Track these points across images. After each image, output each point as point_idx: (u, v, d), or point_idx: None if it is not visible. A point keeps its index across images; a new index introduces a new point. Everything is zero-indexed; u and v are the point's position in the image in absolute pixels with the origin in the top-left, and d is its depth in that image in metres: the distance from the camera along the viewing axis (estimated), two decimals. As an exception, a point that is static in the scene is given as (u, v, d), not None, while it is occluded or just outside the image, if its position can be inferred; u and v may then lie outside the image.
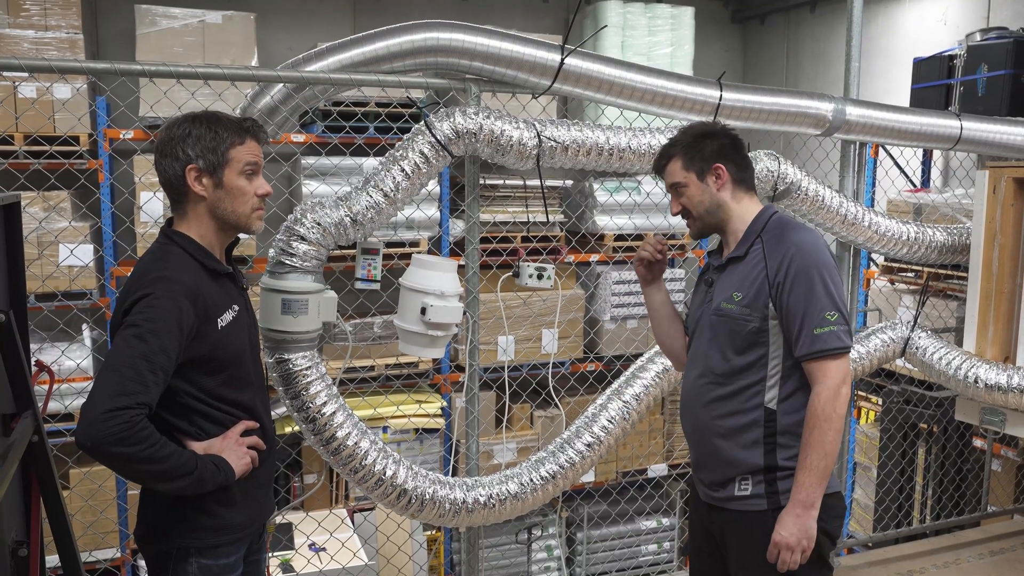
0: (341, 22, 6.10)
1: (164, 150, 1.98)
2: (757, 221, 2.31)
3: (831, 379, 2.16)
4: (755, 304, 2.22)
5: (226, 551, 2.04)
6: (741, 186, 2.33)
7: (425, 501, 2.83)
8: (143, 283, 1.88)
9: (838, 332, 2.16)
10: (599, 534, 5.80)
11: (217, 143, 1.98)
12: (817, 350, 2.16)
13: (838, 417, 2.16)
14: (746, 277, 2.25)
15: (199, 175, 1.98)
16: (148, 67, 2.60)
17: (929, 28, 5.70)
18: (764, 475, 2.23)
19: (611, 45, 5.69)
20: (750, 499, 2.24)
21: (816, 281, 2.16)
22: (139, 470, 1.82)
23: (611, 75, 2.98)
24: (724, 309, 2.28)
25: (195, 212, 2.01)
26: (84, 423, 1.74)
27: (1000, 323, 3.51)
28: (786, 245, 2.21)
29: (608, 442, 3.11)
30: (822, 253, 2.21)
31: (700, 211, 2.33)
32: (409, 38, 2.79)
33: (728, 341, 2.27)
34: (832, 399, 2.15)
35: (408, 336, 2.82)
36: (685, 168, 2.31)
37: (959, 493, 4.64)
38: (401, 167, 2.73)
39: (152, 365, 1.80)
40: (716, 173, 2.29)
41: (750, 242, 2.28)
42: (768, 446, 2.23)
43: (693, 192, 2.32)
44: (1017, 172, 3.47)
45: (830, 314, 2.15)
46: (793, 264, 2.18)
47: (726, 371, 2.27)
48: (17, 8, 4.62)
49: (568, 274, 5.47)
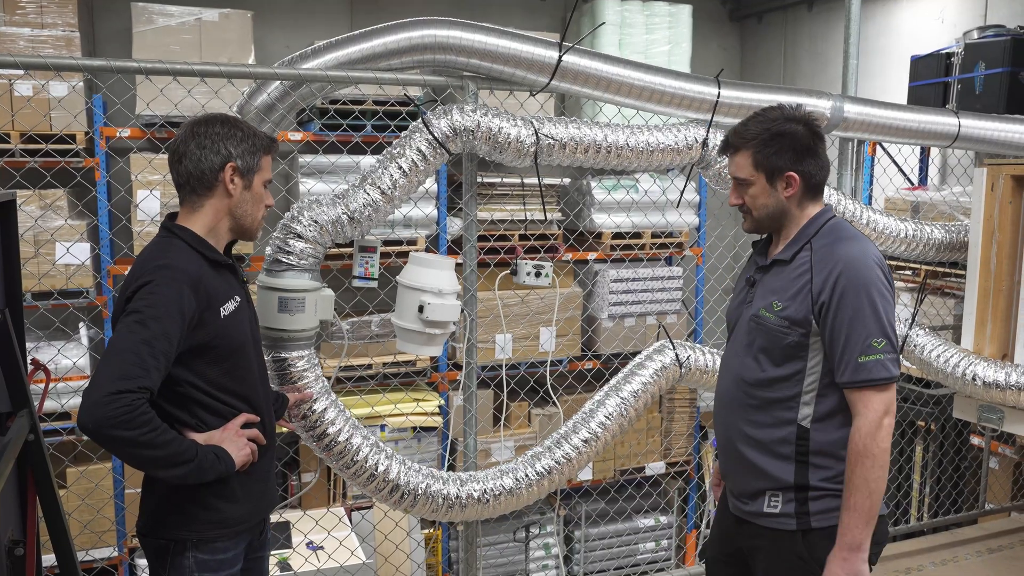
0: (338, 20, 6.09)
1: (203, 143, 2.02)
2: (811, 225, 2.15)
3: (873, 411, 2.02)
4: (795, 317, 2.09)
5: (223, 546, 2.04)
6: (810, 193, 2.16)
7: (418, 496, 2.83)
8: (144, 272, 1.91)
9: (884, 361, 2.01)
10: (597, 532, 5.80)
11: (255, 149, 2.08)
12: (861, 379, 2.02)
13: (881, 452, 2.02)
14: (790, 286, 2.11)
15: (234, 173, 2.04)
16: (144, 64, 2.59)
17: (926, 26, 5.70)
18: (795, 493, 2.13)
19: (608, 43, 5.68)
20: (779, 517, 2.14)
21: (864, 303, 2.01)
22: (139, 455, 1.83)
23: (609, 72, 2.97)
24: (762, 317, 2.14)
25: (213, 208, 2.05)
26: (86, 406, 1.76)
27: (998, 321, 3.51)
28: (835, 259, 2.05)
29: (605, 438, 3.11)
30: (873, 270, 2.05)
31: (761, 214, 2.17)
32: (406, 35, 2.78)
33: (763, 350, 2.14)
34: (874, 433, 2.01)
35: (406, 334, 2.82)
36: (755, 166, 2.13)
37: (956, 491, 4.65)
38: (398, 165, 2.72)
39: (153, 350, 1.81)
40: (788, 181, 2.13)
41: (799, 246, 2.13)
42: (800, 463, 2.12)
43: (758, 193, 2.15)
44: (1015, 170, 3.47)
45: (877, 341, 2.01)
46: (840, 282, 2.03)
47: (758, 381, 2.16)
48: (13, 6, 4.60)
49: (566, 272, 5.47)
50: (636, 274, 5.58)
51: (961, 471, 4.68)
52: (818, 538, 2.12)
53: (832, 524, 2.10)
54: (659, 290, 5.66)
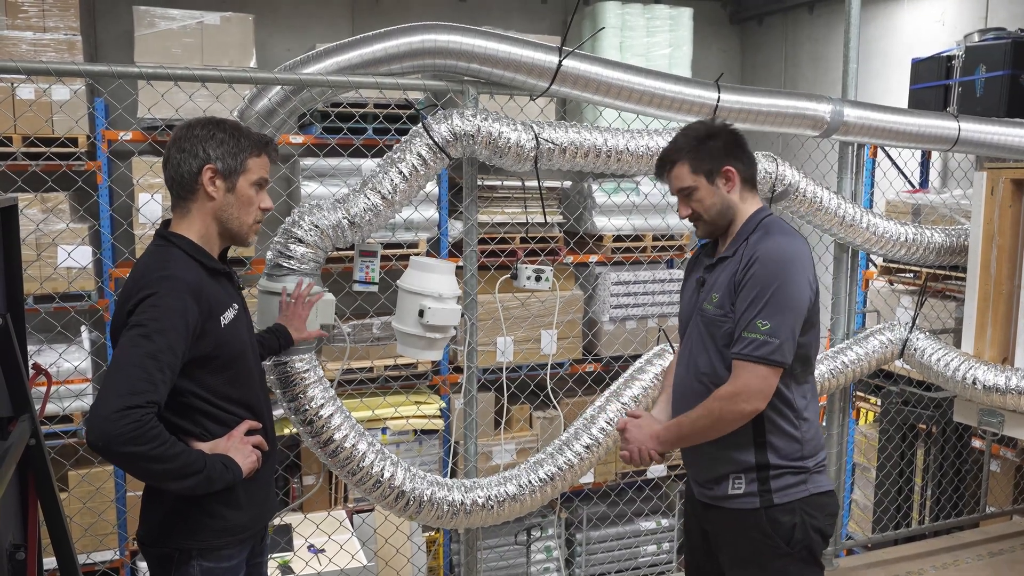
0: (339, 24, 6.10)
1: (183, 146, 2.00)
2: (750, 222, 2.28)
3: (734, 384, 2.15)
4: (725, 305, 2.22)
5: (228, 553, 2.04)
6: (747, 185, 2.31)
7: (423, 503, 2.83)
8: (146, 283, 1.89)
9: (762, 342, 2.11)
10: (598, 535, 5.80)
11: (238, 150, 2.02)
12: (736, 351, 2.15)
13: (716, 418, 2.16)
14: (726, 278, 2.24)
15: (214, 176, 2.00)
16: (145, 69, 2.59)
17: (927, 29, 5.70)
18: (757, 473, 2.23)
19: (609, 46, 5.69)
20: (743, 497, 2.24)
21: (767, 289, 2.12)
22: (150, 469, 1.82)
23: (609, 77, 2.97)
24: (704, 310, 2.28)
25: (199, 212, 2.02)
26: (95, 423, 1.74)
27: (998, 324, 3.51)
28: (757, 250, 2.18)
29: (606, 444, 3.11)
30: (786, 264, 2.15)
31: (712, 214, 2.28)
32: (407, 40, 2.79)
33: (711, 342, 2.26)
34: (726, 401, 2.15)
35: (406, 338, 2.82)
36: (694, 172, 2.26)
37: (957, 494, 4.64)
38: (399, 169, 2.73)
39: (159, 364, 1.80)
40: (726, 175, 2.26)
41: (740, 242, 2.26)
42: (759, 445, 2.23)
43: (704, 195, 2.27)
44: (1015, 173, 3.48)
45: (762, 323, 2.11)
46: (752, 268, 2.15)
47: (711, 371, 2.27)
48: (15, 10, 4.62)
49: (567, 275, 5.47)
50: (637, 277, 5.59)
51: (962, 474, 4.68)
52: (779, 513, 2.22)
53: (793, 499, 2.22)
54: (660, 293, 5.67)
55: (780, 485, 2.22)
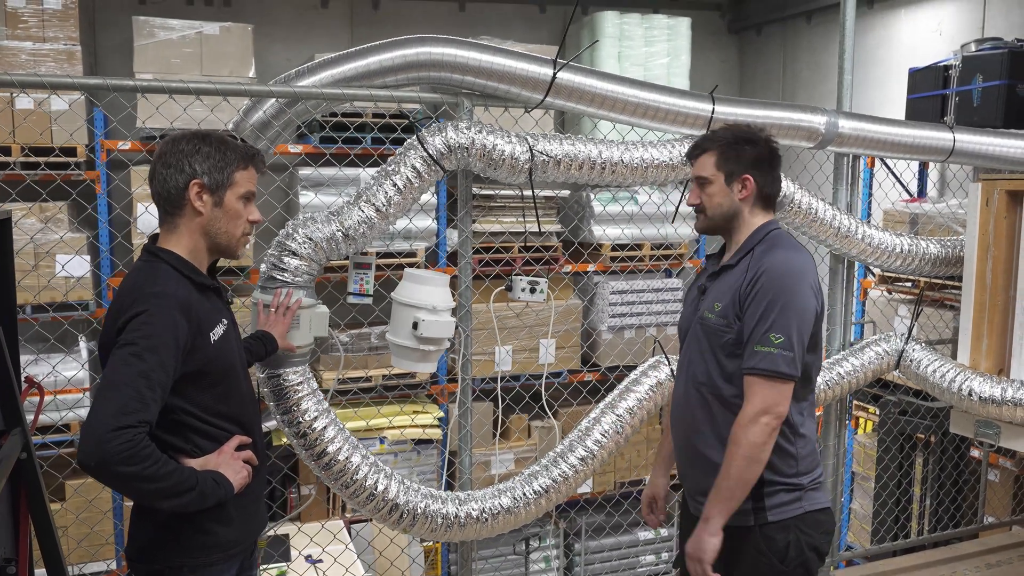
0: (338, 34, 6.12)
1: (168, 161, 1.98)
2: (756, 234, 2.29)
3: (753, 404, 2.13)
4: (728, 315, 2.22)
5: (219, 569, 2.04)
6: (761, 202, 2.31)
7: (417, 516, 2.82)
8: (136, 300, 1.88)
9: (776, 355, 2.11)
10: (596, 545, 5.79)
11: (225, 164, 2.01)
12: (750, 366, 2.14)
13: (748, 444, 2.12)
14: (729, 288, 2.25)
15: (201, 191, 1.99)
16: (141, 83, 2.60)
17: (924, 38, 5.71)
18: (752, 489, 2.20)
19: (608, 56, 5.70)
20: (737, 514, 2.21)
21: (776, 303, 2.13)
22: (143, 488, 1.81)
23: (603, 89, 2.98)
24: (705, 318, 2.29)
25: (187, 228, 2.01)
26: (87, 443, 1.73)
27: (994, 335, 3.51)
28: (764, 262, 2.19)
29: (602, 456, 3.11)
30: (794, 278, 2.16)
31: (715, 212, 2.31)
32: (402, 52, 2.79)
33: (710, 351, 2.26)
34: (747, 425, 2.13)
35: (400, 351, 2.82)
36: (717, 166, 2.29)
37: (955, 505, 4.63)
38: (393, 182, 2.73)
39: (151, 383, 1.80)
40: (744, 183, 2.28)
41: (744, 253, 2.27)
42: None
43: (716, 192, 2.30)
44: (1010, 185, 3.48)
45: (775, 336, 2.12)
46: (760, 280, 2.16)
47: (708, 381, 2.27)
48: (15, 20, 4.64)
49: (564, 285, 5.47)
50: (635, 286, 5.58)
51: (960, 485, 4.67)
52: (774, 531, 2.22)
53: (787, 516, 2.21)
54: (658, 302, 5.67)
55: (775, 502, 2.21)
